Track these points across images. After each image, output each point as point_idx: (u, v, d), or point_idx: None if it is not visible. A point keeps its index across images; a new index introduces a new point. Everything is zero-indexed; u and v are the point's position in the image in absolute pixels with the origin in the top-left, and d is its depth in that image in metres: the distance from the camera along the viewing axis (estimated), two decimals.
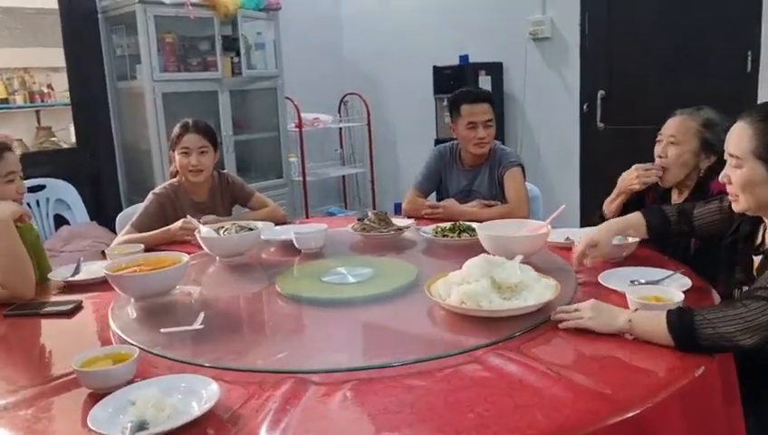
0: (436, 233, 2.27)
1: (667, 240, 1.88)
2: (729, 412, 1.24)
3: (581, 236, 1.76)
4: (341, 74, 5.41)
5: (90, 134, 4.13)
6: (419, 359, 1.24)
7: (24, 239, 1.82)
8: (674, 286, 1.53)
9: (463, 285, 1.44)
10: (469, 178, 2.75)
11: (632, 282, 1.62)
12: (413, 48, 4.95)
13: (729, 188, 1.44)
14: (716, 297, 1.57)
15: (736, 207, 1.44)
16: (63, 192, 3.80)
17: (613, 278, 1.66)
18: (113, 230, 2.81)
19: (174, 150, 2.50)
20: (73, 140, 4.53)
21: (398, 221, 2.41)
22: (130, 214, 2.71)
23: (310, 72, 5.01)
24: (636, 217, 1.74)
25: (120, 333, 1.45)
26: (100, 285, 1.87)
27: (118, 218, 2.80)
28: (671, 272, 1.66)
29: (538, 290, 1.46)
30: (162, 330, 1.40)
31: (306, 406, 1.09)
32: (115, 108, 4.14)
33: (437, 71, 4.55)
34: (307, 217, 4.40)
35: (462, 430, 0.98)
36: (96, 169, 4.13)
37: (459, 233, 2.23)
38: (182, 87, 3.91)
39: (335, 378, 1.19)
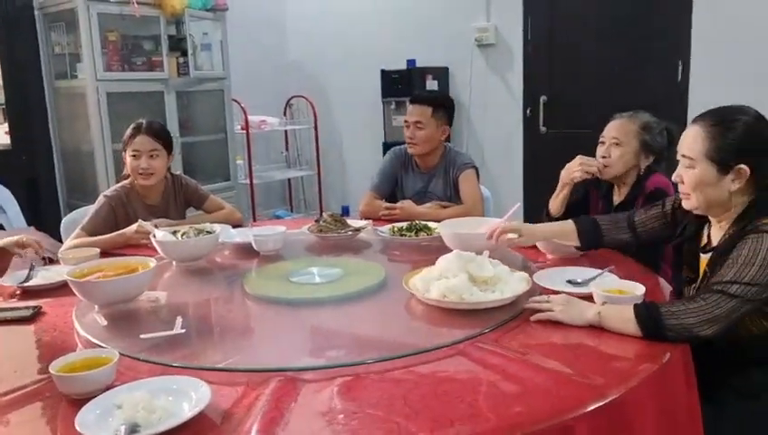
0: (394, 232, 2.30)
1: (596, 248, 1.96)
2: (689, 395, 1.33)
3: (516, 223, 1.86)
4: (287, 77, 5.39)
5: (25, 135, 3.95)
6: (406, 353, 1.27)
7: None
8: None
9: (442, 280, 1.49)
10: (425, 180, 2.80)
11: (568, 282, 1.68)
12: (360, 52, 4.99)
13: (681, 187, 1.54)
14: (666, 290, 1.68)
15: (687, 205, 1.54)
16: None
17: (546, 278, 1.70)
18: (55, 235, 2.69)
19: (125, 151, 2.43)
20: (4, 141, 4.33)
21: (352, 222, 2.43)
22: (77, 218, 2.62)
23: (255, 74, 4.96)
24: (566, 225, 1.84)
25: (95, 341, 1.41)
26: (57, 290, 1.81)
27: (63, 223, 2.70)
28: (601, 271, 1.72)
29: (512, 283, 1.52)
30: (142, 336, 1.37)
31: (299, 402, 1.10)
32: (53, 108, 3.98)
33: (385, 74, 4.61)
34: (254, 221, 4.35)
35: (456, 420, 1.02)
36: (33, 172, 3.96)
37: (416, 232, 2.28)
38: (127, 87, 3.81)
39: (324, 374, 1.21)
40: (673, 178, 1.56)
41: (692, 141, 1.48)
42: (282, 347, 1.44)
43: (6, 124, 4.11)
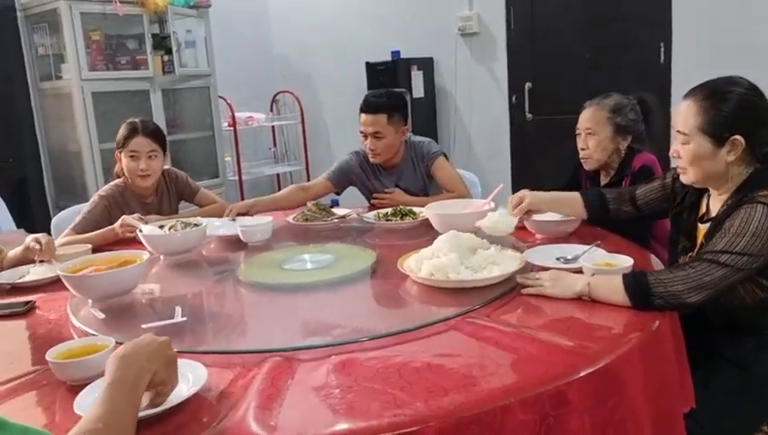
0: (379, 218, 2.31)
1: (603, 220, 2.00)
2: (679, 363, 1.36)
3: (519, 192, 1.87)
4: (272, 72, 5.39)
5: (11, 137, 3.93)
6: (398, 330, 1.29)
7: None
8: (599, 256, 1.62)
9: (433, 259, 1.50)
10: (393, 178, 2.71)
11: (558, 259, 1.69)
12: (344, 44, 5.00)
13: (678, 162, 1.56)
14: (656, 265, 1.71)
15: (685, 180, 1.56)
16: None
17: (536, 255, 1.71)
18: None
19: (120, 152, 2.43)
20: None
21: (337, 210, 2.46)
22: (67, 218, 2.61)
23: (241, 70, 4.96)
24: (572, 195, 1.86)
25: (94, 332, 1.41)
26: (49, 286, 1.82)
27: (53, 223, 2.70)
28: (590, 246, 1.73)
29: (504, 262, 1.54)
30: (144, 325, 1.38)
31: (295, 380, 1.12)
32: (39, 109, 3.96)
33: (370, 67, 4.61)
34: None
35: (451, 389, 1.03)
36: (20, 174, 3.94)
37: (402, 217, 2.29)
38: (112, 86, 3.80)
39: (318, 353, 1.22)
40: (670, 153, 1.58)
41: (685, 116, 1.50)
42: (277, 330, 1.45)
43: None
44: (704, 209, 1.59)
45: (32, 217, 3.79)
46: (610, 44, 3.99)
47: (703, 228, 1.56)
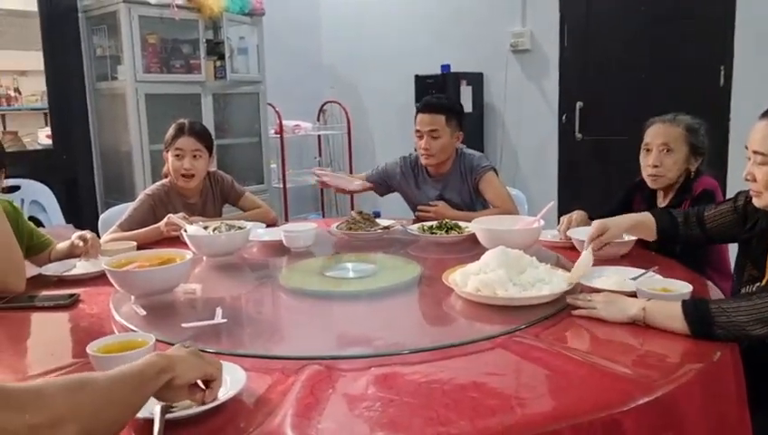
0: (424, 231, 2.27)
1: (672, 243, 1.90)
2: (739, 397, 1.27)
3: (594, 223, 1.77)
4: (321, 82, 5.42)
5: (66, 135, 4.04)
6: (442, 345, 1.24)
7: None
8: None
9: (480, 275, 1.46)
10: (439, 187, 2.69)
11: (610, 280, 1.62)
12: (394, 57, 5.00)
13: (753, 186, 1.48)
14: (714, 293, 1.62)
15: (759, 203, 1.48)
16: (39, 194, 3.70)
17: (587, 276, 1.63)
18: (95, 232, 2.73)
19: (167, 151, 2.46)
20: (42, 144, 4.43)
21: (381, 221, 2.43)
22: (113, 215, 2.65)
23: (290, 79, 5.00)
24: (646, 217, 1.78)
25: (134, 328, 1.41)
26: (94, 280, 1.83)
27: (101, 219, 2.75)
28: (646, 270, 1.66)
29: (554, 281, 1.48)
30: (184, 324, 1.37)
31: (334, 389, 1.08)
32: (93, 109, 4.06)
33: (419, 80, 4.60)
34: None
35: (498, 409, 0.99)
36: (72, 171, 4.04)
37: (447, 230, 2.25)
38: (165, 89, 3.87)
39: (359, 364, 1.18)
40: (744, 175, 1.50)
41: (762, 137, 1.42)
42: (317, 338, 1.42)
43: (48, 127, 4.22)
44: None
45: (80, 213, 3.87)
46: (667, 65, 3.88)
47: None
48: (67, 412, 0.77)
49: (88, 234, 1.99)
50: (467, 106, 4.44)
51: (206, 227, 2.11)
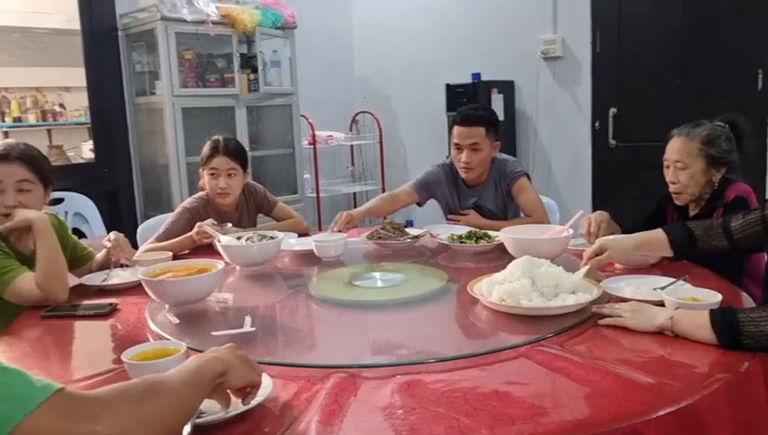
0: (453, 240, 2.28)
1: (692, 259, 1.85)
2: None
3: (598, 241, 1.74)
4: (353, 92, 5.48)
5: (107, 149, 4.17)
6: (466, 354, 1.26)
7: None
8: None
9: (505, 284, 1.46)
10: (475, 195, 2.70)
11: (639, 289, 1.60)
12: (425, 66, 5.03)
13: None
14: (748, 303, 1.59)
15: None
16: (81, 206, 3.83)
17: (615, 285, 1.63)
18: (132, 244, 2.80)
19: (203, 169, 2.50)
20: (85, 157, 4.58)
21: (411, 230, 2.44)
22: (151, 226, 2.73)
23: (322, 90, 5.07)
24: (656, 235, 1.68)
25: (167, 336, 1.46)
26: (132, 289, 1.89)
27: (139, 230, 2.82)
28: (675, 279, 1.63)
29: (579, 291, 1.48)
30: (214, 333, 1.41)
31: (358, 398, 1.11)
32: (133, 123, 4.19)
33: (450, 89, 4.61)
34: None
35: (518, 418, 0.99)
36: (113, 184, 4.17)
37: (476, 240, 2.25)
38: (200, 102, 3.97)
39: (383, 372, 1.21)
40: None
41: None
42: (343, 346, 1.45)
43: (91, 141, 4.37)
44: None
45: (121, 224, 3.98)
46: (703, 70, 3.81)
47: None
48: (136, 422, 0.81)
49: (113, 235, 2.07)
50: (498, 114, 4.42)
51: (238, 238, 2.16)
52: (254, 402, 1.06)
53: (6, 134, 5.34)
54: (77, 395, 0.79)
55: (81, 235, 3.81)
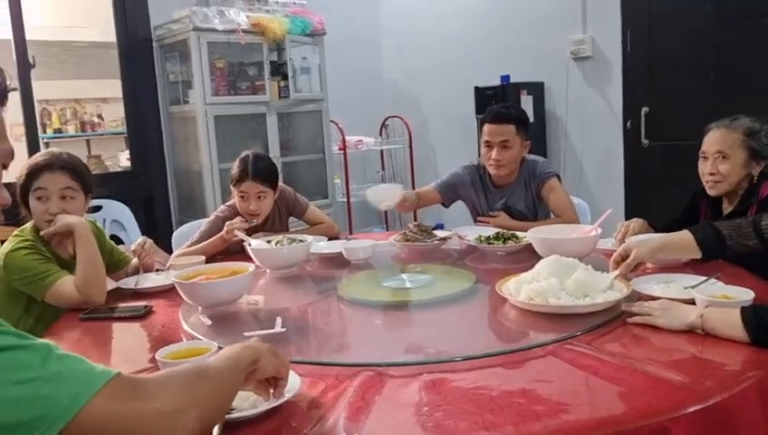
0: (481, 241, 2.28)
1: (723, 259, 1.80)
2: None
3: (626, 242, 1.72)
4: (382, 97, 5.51)
5: (143, 157, 4.28)
6: (493, 352, 1.26)
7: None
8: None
9: (533, 283, 1.46)
10: (504, 196, 2.69)
11: (669, 287, 1.59)
12: (454, 69, 5.03)
13: None
14: None
15: None
16: (119, 213, 3.92)
17: (645, 284, 1.61)
18: (166, 248, 2.87)
19: (233, 187, 2.47)
20: (122, 166, 4.69)
21: (438, 232, 2.44)
22: (185, 232, 2.79)
23: (352, 95, 5.10)
24: (682, 236, 1.62)
25: (200, 337, 1.49)
26: (166, 292, 1.94)
27: (174, 236, 2.89)
28: (706, 277, 1.60)
29: (608, 290, 1.47)
30: (245, 333, 1.45)
31: (384, 395, 1.12)
32: (167, 131, 4.29)
33: (479, 91, 4.59)
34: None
35: (543, 415, 1.00)
36: (149, 191, 4.27)
37: (504, 241, 2.25)
38: (232, 110, 4.04)
39: (410, 370, 1.22)
40: None
41: None
42: (372, 346, 1.47)
43: (128, 151, 4.49)
44: None
45: (157, 230, 4.07)
46: (736, 66, 3.72)
47: None
48: (189, 400, 0.86)
49: (142, 239, 2.17)
50: (528, 115, 4.41)
51: (269, 241, 2.19)
52: (282, 399, 1.08)
53: (47, 145, 5.52)
54: (134, 378, 0.86)
55: (118, 241, 3.88)
